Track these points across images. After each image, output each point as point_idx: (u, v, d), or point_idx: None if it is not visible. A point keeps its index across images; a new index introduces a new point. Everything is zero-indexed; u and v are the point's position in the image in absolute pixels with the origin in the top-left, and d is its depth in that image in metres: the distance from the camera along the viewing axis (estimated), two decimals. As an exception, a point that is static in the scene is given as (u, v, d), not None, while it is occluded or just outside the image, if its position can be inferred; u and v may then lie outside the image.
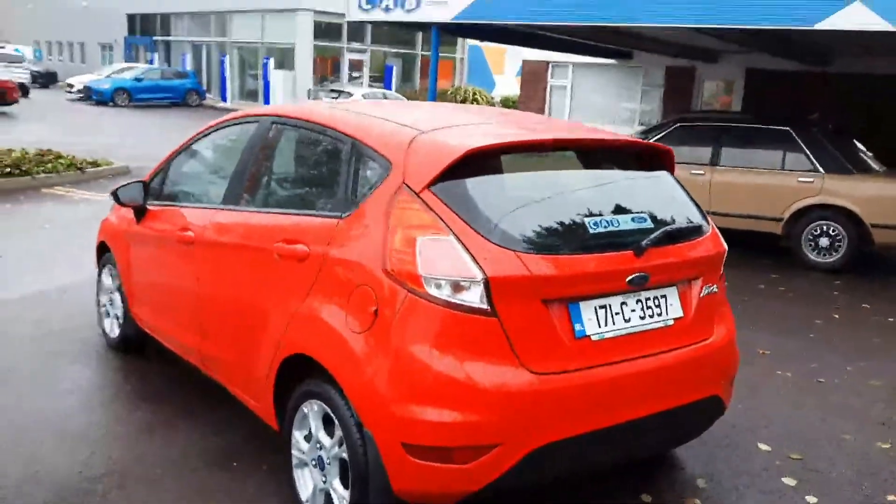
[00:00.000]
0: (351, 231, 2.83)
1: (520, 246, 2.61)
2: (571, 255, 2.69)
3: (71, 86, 31.41)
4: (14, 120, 20.69)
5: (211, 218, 3.70)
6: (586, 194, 2.99)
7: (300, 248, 3.00)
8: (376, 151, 2.91)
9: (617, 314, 2.79)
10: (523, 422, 2.56)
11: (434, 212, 2.62)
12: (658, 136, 9.07)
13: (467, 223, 2.60)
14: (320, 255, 2.90)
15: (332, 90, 25.32)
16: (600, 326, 2.74)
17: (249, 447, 3.66)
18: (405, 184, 2.71)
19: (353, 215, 2.86)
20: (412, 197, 2.67)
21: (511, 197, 2.84)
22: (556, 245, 2.71)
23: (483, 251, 2.55)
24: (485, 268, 2.53)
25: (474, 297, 2.53)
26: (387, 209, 2.71)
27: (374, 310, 2.63)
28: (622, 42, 13.12)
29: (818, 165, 8.24)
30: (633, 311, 2.84)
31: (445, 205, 2.63)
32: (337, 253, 2.85)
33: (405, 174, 2.73)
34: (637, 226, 2.90)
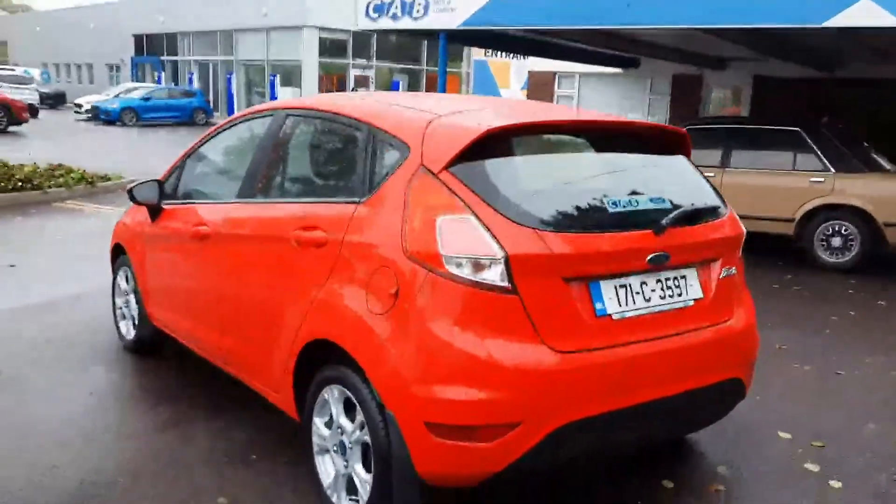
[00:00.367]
0: (369, 215, 2.84)
1: (540, 224, 2.61)
2: (591, 234, 2.69)
3: (79, 106, 31.68)
4: (24, 139, 20.85)
5: (227, 212, 3.71)
6: (604, 175, 2.99)
7: (318, 235, 3.01)
8: (393, 136, 2.91)
9: (637, 293, 2.78)
10: (546, 400, 2.55)
11: (453, 192, 2.62)
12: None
13: (487, 202, 2.59)
14: (339, 241, 2.91)
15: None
16: (621, 305, 2.73)
17: (268, 442, 3.65)
18: (423, 165, 2.72)
19: (372, 199, 2.86)
20: (431, 178, 2.67)
21: (530, 177, 2.84)
22: (576, 223, 2.71)
23: (503, 229, 2.55)
24: (505, 246, 2.52)
25: (495, 276, 2.52)
26: (405, 191, 2.72)
27: (395, 291, 2.63)
28: (629, 48, 13.15)
29: (829, 165, 8.22)
30: (654, 291, 2.83)
31: (464, 185, 2.63)
32: (356, 237, 2.85)
33: (423, 156, 2.74)
34: (656, 206, 2.90)
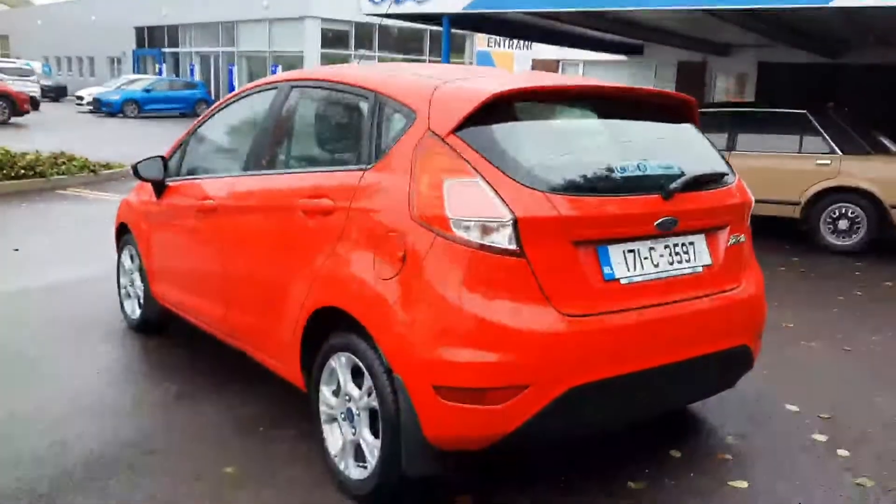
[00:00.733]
0: (376, 181, 2.82)
1: (548, 187, 2.60)
2: (600, 197, 2.68)
3: (81, 98, 31.66)
4: (26, 130, 20.84)
5: (232, 185, 3.70)
6: (612, 141, 2.98)
7: (325, 203, 2.99)
8: (399, 102, 2.90)
9: (645, 259, 2.77)
10: (553, 363, 2.54)
11: (460, 155, 2.60)
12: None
13: (495, 165, 2.58)
14: (346, 208, 2.89)
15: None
16: (629, 270, 2.72)
17: (276, 415, 3.65)
18: (430, 130, 2.70)
19: (378, 165, 2.85)
20: (438, 142, 2.66)
21: (538, 141, 2.82)
22: (585, 187, 2.69)
23: (511, 192, 2.54)
24: (513, 208, 2.51)
25: (503, 239, 2.51)
26: (412, 156, 2.70)
27: (403, 255, 2.62)
28: (634, 33, 13.09)
29: (835, 147, 8.18)
30: (662, 257, 2.82)
31: (472, 148, 2.61)
32: (363, 204, 2.84)
33: (430, 121, 2.72)
34: (664, 171, 2.88)
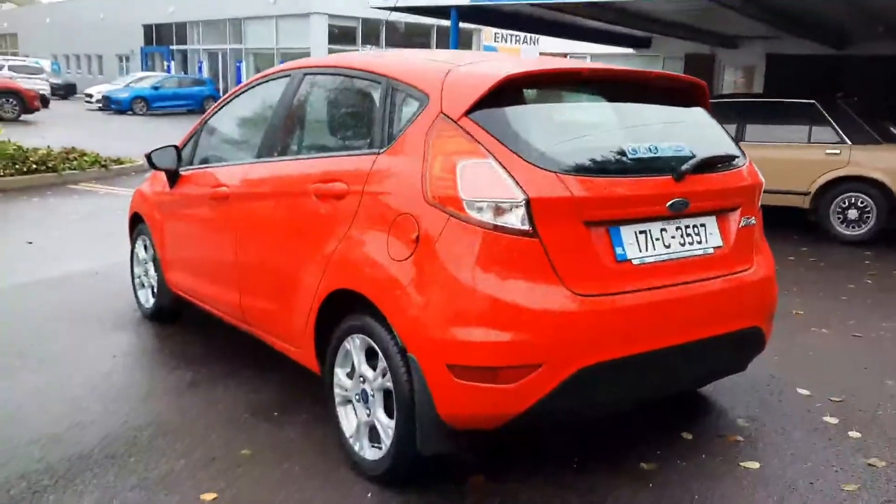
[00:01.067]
0: (389, 164, 2.85)
1: (560, 168, 2.62)
2: (612, 178, 2.70)
3: (90, 96, 31.79)
4: (36, 127, 20.95)
5: (246, 172, 3.73)
6: (624, 123, 3.00)
7: (338, 187, 3.02)
8: (412, 86, 2.92)
9: (657, 239, 2.79)
10: (566, 342, 2.57)
11: (473, 137, 2.63)
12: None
13: (507, 146, 2.60)
14: (359, 191, 2.92)
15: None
16: (641, 251, 2.74)
17: (289, 400, 3.69)
18: (443, 113, 2.72)
19: (391, 149, 2.88)
20: (450, 124, 2.68)
21: (550, 123, 2.85)
22: (597, 168, 2.72)
23: (524, 173, 2.56)
24: (526, 189, 2.54)
25: (516, 219, 2.53)
26: (425, 139, 2.73)
27: (416, 236, 2.65)
28: (641, 25, 13.07)
29: (845, 137, 8.16)
30: (673, 238, 2.84)
31: (484, 130, 2.64)
32: (376, 187, 2.87)
33: (442, 104, 2.75)
34: (676, 153, 2.90)
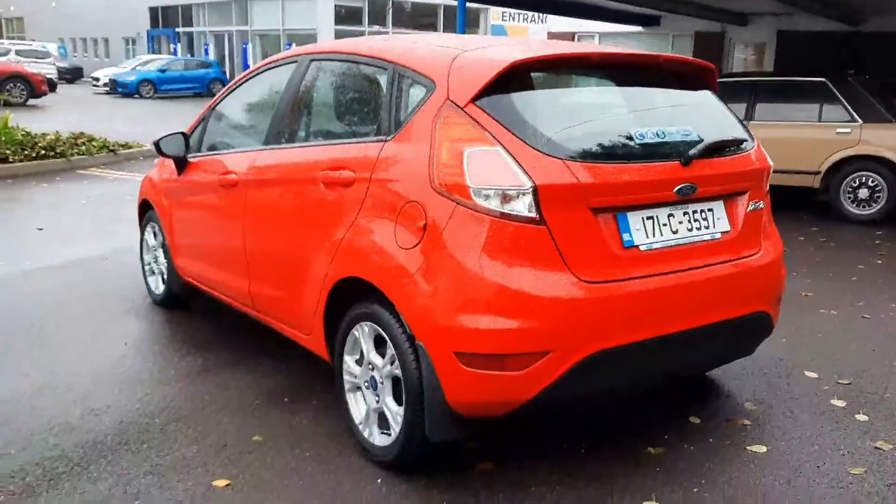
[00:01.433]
0: (396, 151, 2.85)
1: (567, 155, 2.61)
2: (619, 164, 2.69)
3: (97, 79, 31.83)
4: (43, 112, 21.00)
5: (253, 159, 3.74)
6: (631, 108, 2.98)
7: (346, 174, 3.03)
8: (418, 73, 2.92)
9: (664, 225, 2.79)
10: (573, 329, 2.57)
11: (480, 124, 2.62)
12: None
13: (514, 134, 2.60)
14: (366, 179, 2.93)
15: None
16: (648, 237, 2.74)
17: (299, 386, 3.72)
18: (449, 100, 2.72)
19: (398, 136, 2.87)
20: (457, 111, 2.68)
21: (557, 108, 2.84)
22: (604, 154, 2.71)
23: (531, 160, 2.56)
24: (533, 176, 2.53)
25: (523, 207, 2.53)
26: (432, 126, 2.72)
27: (423, 224, 2.65)
28: (650, 3, 12.94)
29: (856, 115, 8.09)
30: (681, 224, 2.84)
31: (491, 117, 2.63)
32: (383, 174, 2.87)
33: (449, 90, 2.74)
34: (683, 138, 2.89)
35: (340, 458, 3.06)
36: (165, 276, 4.86)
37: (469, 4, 10.36)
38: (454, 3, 10.44)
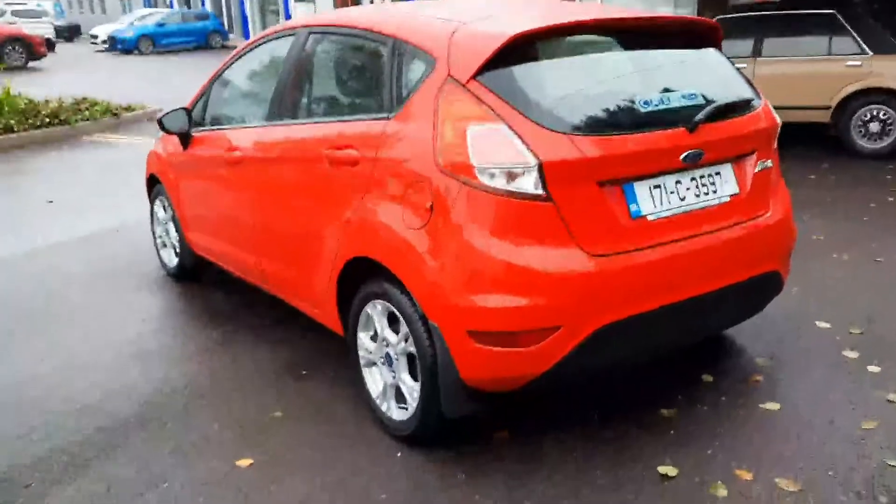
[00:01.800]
0: (400, 130, 2.83)
1: (571, 129, 2.59)
2: (624, 135, 2.66)
3: (95, 37, 31.46)
4: (44, 74, 20.86)
5: (257, 136, 3.72)
6: (634, 74, 2.93)
7: (351, 153, 3.01)
8: (418, 47, 2.87)
9: (672, 193, 2.77)
10: (583, 303, 2.58)
11: (482, 101, 2.59)
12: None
13: (517, 110, 2.57)
14: (371, 158, 2.91)
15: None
16: (656, 206, 2.73)
17: (316, 358, 3.77)
18: (450, 76, 2.68)
19: (401, 114, 2.85)
20: (459, 88, 2.65)
21: (559, 81, 2.79)
22: (608, 126, 2.68)
23: (535, 136, 2.53)
24: (538, 153, 2.51)
25: (529, 184, 2.52)
26: (434, 103, 2.70)
27: (430, 205, 2.65)
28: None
29: (866, 48, 7.90)
30: (688, 190, 2.82)
31: (493, 93, 2.60)
32: (388, 153, 2.86)
33: (449, 66, 2.70)
34: (688, 102, 2.84)
35: (359, 432, 3.12)
36: (178, 249, 4.90)
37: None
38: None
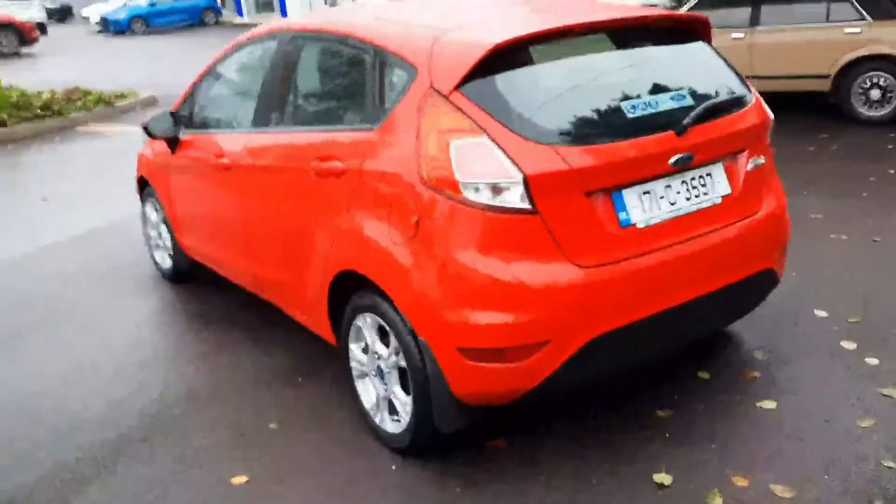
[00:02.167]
0: (383, 142, 2.79)
1: (557, 139, 2.54)
2: (611, 143, 2.60)
3: (87, 18, 31.14)
4: (36, 59, 20.72)
5: (244, 142, 3.67)
6: (621, 77, 2.87)
7: (336, 165, 2.97)
8: (399, 57, 2.81)
9: (662, 198, 2.72)
10: (573, 317, 2.56)
11: (465, 113, 2.54)
12: (692, 5, 8.68)
13: (500, 122, 2.52)
14: (356, 170, 2.87)
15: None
16: (646, 213, 2.68)
17: (312, 364, 3.76)
18: (432, 87, 2.63)
19: (384, 126, 2.80)
20: (441, 100, 2.60)
21: (543, 89, 2.73)
22: (595, 134, 2.62)
23: (519, 149, 2.49)
24: (522, 166, 2.47)
25: (514, 198, 2.48)
26: (417, 116, 2.65)
27: (416, 220, 2.61)
28: None
29: (865, 13, 7.76)
30: (679, 194, 2.77)
31: (476, 105, 2.55)
32: (372, 165, 2.81)
33: (431, 77, 2.65)
34: (677, 104, 2.79)
35: (356, 441, 3.12)
36: (171, 252, 4.87)
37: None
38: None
